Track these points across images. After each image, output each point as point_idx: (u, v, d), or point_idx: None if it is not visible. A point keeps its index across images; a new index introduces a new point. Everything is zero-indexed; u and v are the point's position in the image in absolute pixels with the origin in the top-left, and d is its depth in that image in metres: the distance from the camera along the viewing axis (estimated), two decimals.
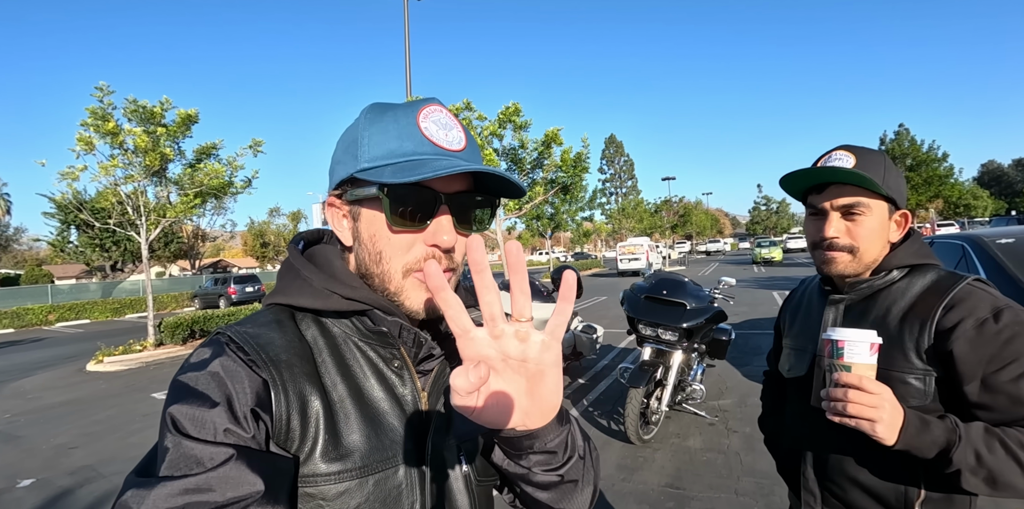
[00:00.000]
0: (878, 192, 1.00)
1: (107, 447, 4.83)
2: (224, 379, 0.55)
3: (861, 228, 1.02)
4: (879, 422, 0.84)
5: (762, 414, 1.42)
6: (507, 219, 16.15)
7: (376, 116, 0.63)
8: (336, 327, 0.66)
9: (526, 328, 0.48)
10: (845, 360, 0.87)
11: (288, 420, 0.57)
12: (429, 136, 0.62)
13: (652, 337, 4.13)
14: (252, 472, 0.50)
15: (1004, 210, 53.99)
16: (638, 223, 42.17)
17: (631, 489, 3.25)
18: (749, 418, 4.32)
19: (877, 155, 1.03)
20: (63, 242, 26.99)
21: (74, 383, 8.16)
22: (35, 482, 4.07)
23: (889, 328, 0.99)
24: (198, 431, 0.51)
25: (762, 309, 10.39)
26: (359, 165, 0.61)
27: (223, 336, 0.60)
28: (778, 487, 3.10)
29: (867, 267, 1.05)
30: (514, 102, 14.10)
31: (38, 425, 5.81)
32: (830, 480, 1.05)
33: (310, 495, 0.56)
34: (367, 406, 0.62)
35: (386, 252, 0.63)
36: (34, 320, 19.74)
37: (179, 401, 0.53)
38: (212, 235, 34.35)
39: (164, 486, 0.48)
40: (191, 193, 10.51)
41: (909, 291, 1.01)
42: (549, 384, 0.50)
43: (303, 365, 0.60)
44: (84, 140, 9.35)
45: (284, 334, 0.62)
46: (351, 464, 0.58)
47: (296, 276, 0.66)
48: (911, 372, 0.95)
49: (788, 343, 1.22)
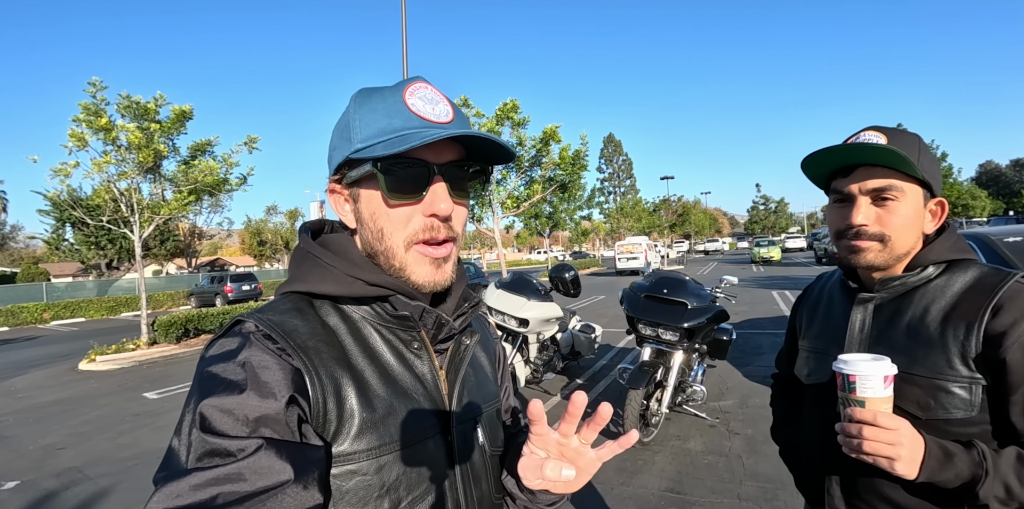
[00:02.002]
0: (913, 175, 0.90)
1: (96, 448, 4.74)
2: (255, 369, 0.55)
3: (893, 215, 0.91)
4: (898, 459, 0.79)
5: (775, 423, 1.31)
6: (505, 217, 16.06)
7: (364, 98, 0.66)
8: (355, 313, 0.67)
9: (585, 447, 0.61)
10: (858, 395, 0.81)
11: (324, 404, 0.58)
12: (416, 111, 0.64)
13: (652, 337, 4.05)
14: (282, 461, 0.51)
15: (1002, 210, 54.02)
16: (636, 222, 42.08)
17: (631, 493, 3.16)
18: (751, 420, 4.24)
19: (911, 135, 0.93)
20: (58, 240, 26.79)
21: (66, 382, 8.05)
22: (20, 484, 3.97)
23: (929, 331, 0.89)
24: (228, 423, 0.51)
25: (762, 308, 10.31)
26: (353, 147, 0.63)
27: (246, 325, 0.60)
28: (782, 491, 3.02)
29: (898, 259, 0.95)
30: (512, 98, 13.99)
31: (27, 425, 5.71)
32: (860, 499, 0.95)
33: (352, 472, 0.58)
34: (394, 385, 0.64)
35: (387, 228, 0.65)
36: (29, 318, 19.62)
37: (210, 393, 0.53)
38: (209, 233, 34.20)
39: (195, 476, 0.48)
40: (185, 190, 10.40)
41: (949, 289, 0.91)
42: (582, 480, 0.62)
43: (330, 350, 0.61)
44: (76, 136, 9.23)
45: (307, 321, 0.63)
46: (387, 439, 0.61)
47: (315, 264, 0.66)
48: (956, 381, 0.85)
49: (806, 345, 1.12)
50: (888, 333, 0.95)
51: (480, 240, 51.52)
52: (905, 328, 0.93)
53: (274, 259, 43.80)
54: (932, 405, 0.86)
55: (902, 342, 0.92)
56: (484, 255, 56.65)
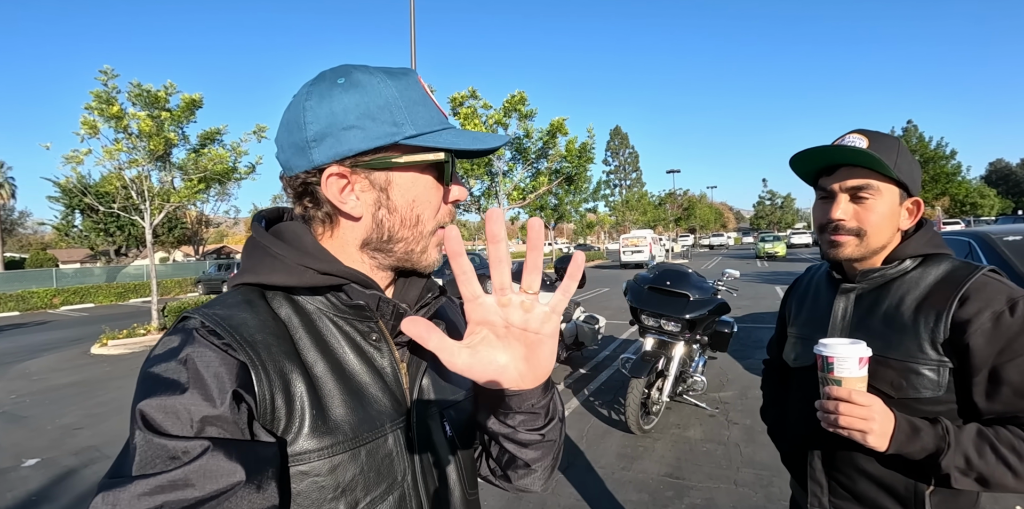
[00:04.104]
0: (889, 175, 0.98)
1: (112, 428, 4.89)
2: (197, 366, 0.52)
3: (869, 212, 1.00)
4: (870, 433, 0.88)
5: (764, 404, 1.40)
6: (511, 209, 16.12)
7: (395, 79, 0.63)
8: (310, 304, 0.64)
9: (531, 300, 0.52)
10: (835, 374, 0.91)
11: (272, 401, 0.55)
12: (439, 106, 0.67)
13: (655, 328, 4.13)
14: (232, 461, 0.48)
15: (1011, 209, 53.58)
16: (642, 215, 42.06)
17: (631, 478, 3.27)
18: (750, 410, 4.34)
19: (891, 140, 1.01)
20: (67, 226, 27.03)
21: (79, 365, 8.22)
22: (40, 462, 4.12)
23: (903, 318, 0.98)
24: (172, 424, 0.48)
25: (765, 303, 10.38)
26: (403, 131, 0.61)
27: (191, 321, 0.57)
28: (777, 478, 3.12)
29: (874, 252, 1.03)
30: (520, 90, 13.99)
31: (44, 406, 5.87)
32: (838, 471, 1.04)
33: (304, 473, 0.55)
34: (349, 380, 0.62)
35: (425, 214, 0.65)
36: (39, 303, 19.86)
37: (150, 394, 0.50)
38: (216, 221, 34.38)
39: (137, 484, 0.45)
40: (195, 178, 10.51)
41: (923, 281, 0.99)
42: (545, 352, 0.55)
43: (280, 344, 0.59)
44: (88, 124, 9.33)
45: (257, 314, 0.60)
46: (341, 437, 0.58)
47: (265, 254, 0.63)
48: (925, 363, 0.94)
49: (794, 332, 1.21)
50: (867, 321, 1.03)
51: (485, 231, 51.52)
52: (882, 316, 1.01)
53: None
54: (904, 385, 0.95)
55: (879, 329, 1.01)
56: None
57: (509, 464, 0.71)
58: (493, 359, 0.54)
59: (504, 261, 0.50)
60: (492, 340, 0.54)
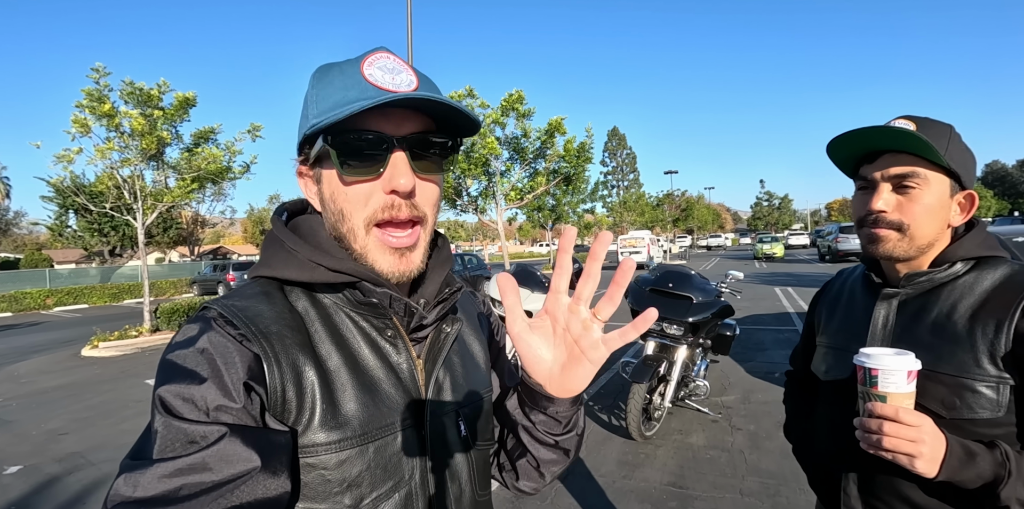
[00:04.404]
0: (938, 163, 0.87)
1: (99, 433, 4.76)
2: (213, 355, 0.53)
3: (914, 203, 0.89)
4: (919, 457, 0.77)
5: (787, 420, 1.29)
6: (508, 209, 16.02)
7: (323, 74, 0.62)
8: (327, 298, 0.64)
9: (594, 321, 0.55)
10: (879, 390, 0.80)
11: (283, 392, 0.56)
12: (374, 81, 0.59)
13: (656, 331, 4.02)
14: (248, 447, 0.50)
15: (1007, 211, 53.77)
16: (639, 216, 42.00)
17: (633, 487, 3.16)
18: (753, 415, 4.24)
19: (942, 125, 0.90)
20: (61, 226, 26.84)
21: (69, 368, 8.08)
22: (23, 469, 3.99)
23: (956, 328, 0.87)
24: (189, 410, 0.50)
25: (764, 304, 10.29)
26: (308, 123, 0.59)
27: (210, 311, 0.58)
28: (784, 488, 3.01)
29: (920, 251, 0.92)
30: (517, 89, 13.89)
31: (30, 410, 5.73)
32: (876, 498, 0.93)
33: (311, 465, 0.56)
34: (363, 375, 0.61)
35: (346, 208, 0.61)
36: (32, 304, 19.68)
37: (168, 381, 0.52)
38: (211, 221, 34.21)
39: (158, 467, 0.47)
40: (188, 178, 10.36)
41: (978, 286, 0.88)
42: (582, 371, 0.57)
43: (295, 336, 0.59)
44: (80, 122, 9.19)
45: (273, 306, 0.60)
46: (350, 432, 0.58)
47: (280, 248, 0.64)
48: (983, 379, 0.83)
49: (824, 341, 1.10)
50: (912, 330, 0.92)
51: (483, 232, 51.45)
52: (931, 325, 0.90)
53: None
54: (957, 404, 0.84)
55: (927, 339, 0.89)
56: (486, 247, 56.60)
57: (520, 458, 0.73)
58: (539, 347, 0.57)
59: (594, 277, 0.53)
60: (548, 333, 0.57)
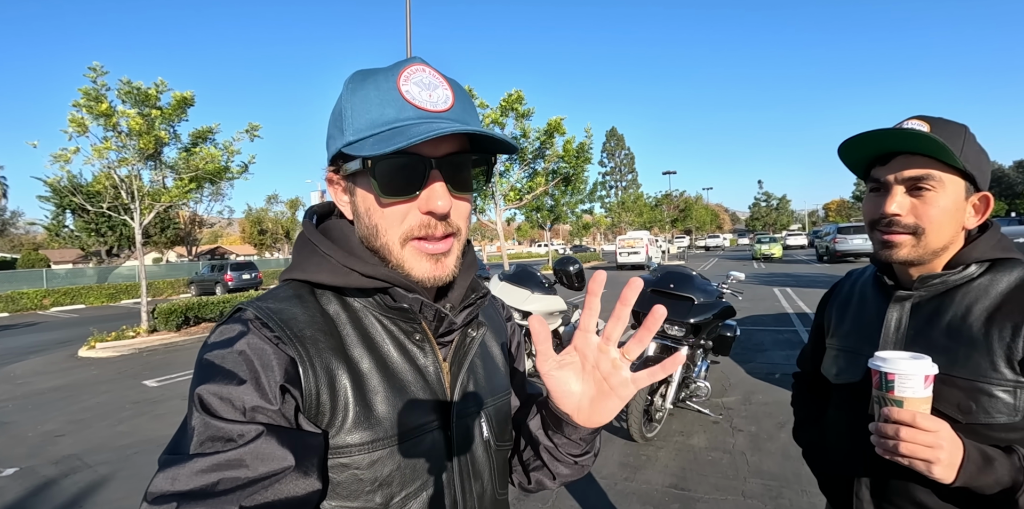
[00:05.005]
0: (953, 165, 0.85)
1: (95, 435, 4.72)
2: (251, 357, 0.55)
3: (929, 206, 0.87)
4: (936, 463, 0.76)
5: (796, 424, 1.27)
6: (507, 210, 16.00)
7: (358, 85, 0.62)
8: (356, 301, 0.66)
9: (623, 361, 0.59)
10: (896, 394, 0.78)
11: (318, 395, 0.57)
12: (411, 99, 0.60)
13: (657, 332, 4.00)
14: (283, 447, 0.51)
15: (1004, 211, 53.93)
16: (638, 217, 42.02)
17: (634, 489, 3.14)
18: (754, 417, 4.22)
19: (957, 126, 0.88)
20: (58, 226, 26.73)
21: (65, 369, 8.04)
22: (19, 471, 3.95)
23: (972, 331, 0.85)
24: (227, 410, 0.52)
25: (764, 305, 10.29)
26: (345, 139, 0.60)
27: (246, 312, 0.60)
28: (786, 490, 3.00)
29: (934, 254, 0.90)
30: (516, 89, 13.87)
31: (26, 411, 5.69)
32: (890, 503, 0.91)
33: (345, 465, 0.57)
34: (393, 377, 0.63)
35: (381, 225, 0.62)
36: (29, 304, 19.59)
37: (207, 380, 0.53)
38: (209, 222, 34.16)
39: (196, 462, 0.49)
40: (186, 178, 10.31)
41: (993, 289, 0.87)
42: (609, 405, 0.61)
43: (327, 340, 0.60)
44: (76, 121, 9.14)
45: (306, 309, 0.62)
46: (382, 433, 0.59)
47: (314, 252, 0.65)
48: (999, 384, 0.81)
49: (835, 343, 1.08)
50: (926, 333, 0.91)
51: (481, 232, 51.45)
52: (945, 328, 0.88)
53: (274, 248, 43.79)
54: (973, 408, 0.82)
55: (942, 342, 0.88)
56: (484, 247, 56.58)
57: (536, 470, 0.77)
58: (569, 382, 0.60)
59: (622, 320, 0.57)
60: (577, 368, 0.60)
